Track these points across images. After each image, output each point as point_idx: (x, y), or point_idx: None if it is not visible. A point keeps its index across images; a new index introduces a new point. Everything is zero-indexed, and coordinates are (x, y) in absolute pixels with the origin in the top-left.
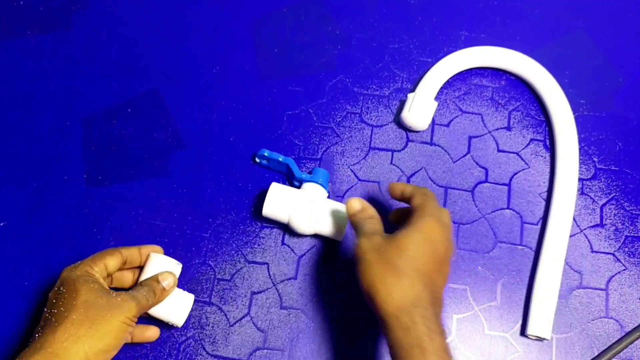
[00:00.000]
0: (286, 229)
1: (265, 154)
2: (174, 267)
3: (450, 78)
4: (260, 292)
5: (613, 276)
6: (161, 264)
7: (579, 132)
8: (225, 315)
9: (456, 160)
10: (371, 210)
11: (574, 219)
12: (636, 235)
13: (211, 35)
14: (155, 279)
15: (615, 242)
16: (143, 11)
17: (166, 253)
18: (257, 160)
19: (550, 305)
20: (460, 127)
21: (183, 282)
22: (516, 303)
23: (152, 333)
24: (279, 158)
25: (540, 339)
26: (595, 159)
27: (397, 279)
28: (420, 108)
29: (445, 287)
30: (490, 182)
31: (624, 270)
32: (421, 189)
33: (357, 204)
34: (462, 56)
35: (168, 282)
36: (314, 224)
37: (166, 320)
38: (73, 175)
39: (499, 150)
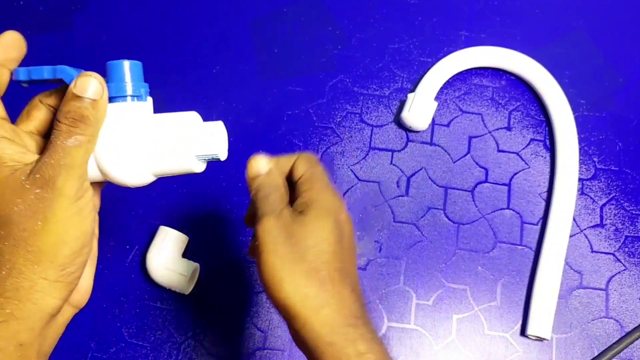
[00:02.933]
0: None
1: (21, 71)
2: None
3: (450, 78)
4: (260, 292)
5: (613, 276)
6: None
7: (579, 132)
8: (225, 315)
9: (456, 160)
10: (278, 177)
11: (574, 219)
12: (636, 235)
13: (211, 35)
14: (69, 96)
15: (615, 242)
16: (143, 11)
17: None
18: (24, 83)
19: (550, 306)
20: (460, 127)
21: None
22: (516, 303)
23: None
24: (44, 69)
25: (540, 339)
26: (595, 159)
27: (320, 286)
28: (420, 108)
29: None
30: (490, 182)
31: (624, 270)
32: (295, 156)
33: (263, 163)
34: (462, 56)
35: (94, 85)
36: (147, 164)
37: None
38: None
39: (499, 150)
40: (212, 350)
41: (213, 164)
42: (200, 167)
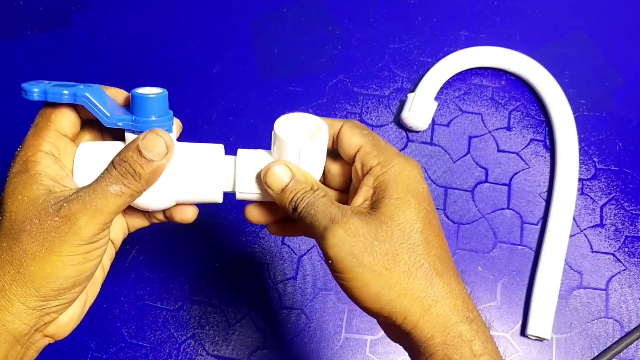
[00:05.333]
0: None
1: (35, 91)
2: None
3: (450, 78)
4: (260, 292)
5: (613, 276)
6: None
7: (579, 132)
8: (225, 315)
9: (456, 160)
10: (309, 177)
11: (574, 219)
12: (636, 235)
13: (211, 35)
14: (133, 147)
15: (615, 242)
16: (143, 11)
17: None
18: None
19: (550, 305)
20: (460, 127)
21: (183, 282)
22: (516, 303)
23: (191, 213)
24: (63, 93)
25: (540, 339)
26: (595, 159)
27: (426, 282)
28: (420, 108)
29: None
30: (490, 182)
31: (624, 270)
32: (338, 123)
33: (284, 172)
34: (462, 56)
35: (160, 147)
36: (170, 191)
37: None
38: None
39: (499, 150)
40: (212, 350)
41: None
42: (220, 198)
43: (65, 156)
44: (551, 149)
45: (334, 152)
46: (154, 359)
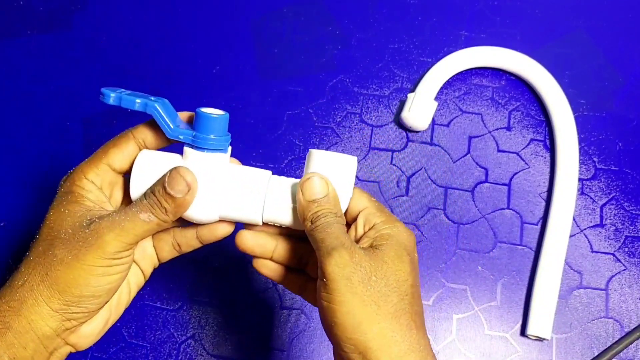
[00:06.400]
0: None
1: (112, 96)
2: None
3: (450, 78)
4: (260, 292)
5: (613, 276)
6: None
7: (579, 132)
8: (225, 315)
9: (456, 160)
10: (338, 204)
11: (574, 219)
12: (636, 235)
13: (211, 35)
14: (161, 183)
15: (615, 242)
16: (143, 11)
17: None
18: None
19: (550, 305)
20: (460, 127)
21: (183, 282)
22: (516, 303)
23: (224, 229)
24: (135, 102)
25: (540, 339)
26: (595, 159)
27: (408, 330)
28: (420, 108)
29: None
30: (490, 182)
31: (624, 270)
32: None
33: (320, 186)
34: (462, 56)
35: (181, 186)
36: (215, 206)
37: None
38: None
39: (499, 150)
40: (212, 350)
41: None
42: (260, 220)
43: (108, 186)
44: (551, 149)
45: (293, 232)
46: (154, 359)
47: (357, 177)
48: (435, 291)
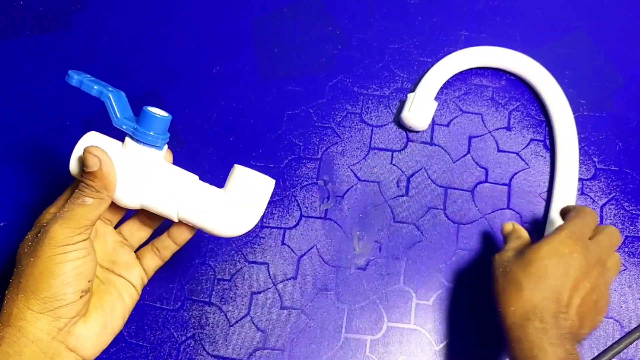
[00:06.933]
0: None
1: (74, 78)
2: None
3: (450, 78)
4: (260, 292)
5: None
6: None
7: (579, 132)
8: (225, 315)
9: (456, 160)
10: (522, 232)
11: None
12: (636, 235)
13: (211, 35)
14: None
15: None
16: (143, 11)
17: None
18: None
19: None
20: (460, 127)
21: (183, 282)
22: None
23: (188, 233)
24: (93, 88)
25: None
26: (595, 159)
27: (516, 292)
28: (420, 108)
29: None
30: (490, 182)
31: (624, 270)
32: (580, 209)
33: (510, 226)
34: (462, 56)
35: (92, 160)
36: (137, 194)
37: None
38: (73, 176)
39: (499, 150)
40: (212, 350)
41: (209, 168)
42: (176, 218)
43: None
44: (551, 148)
45: None
46: (154, 359)
47: (357, 177)
48: (435, 291)
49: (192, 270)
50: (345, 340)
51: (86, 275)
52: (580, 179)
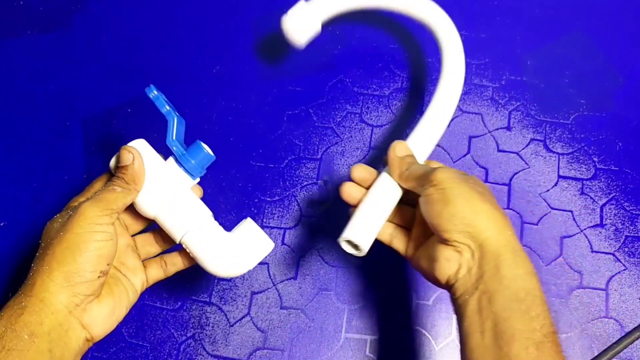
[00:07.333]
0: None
1: (153, 93)
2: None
3: None
4: (260, 292)
5: (613, 276)
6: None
7: (579, 132)
8: (225, 315)
9: (456, 160)
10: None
11: (574, 219)
12: (636, 235)
13: (211, 35)
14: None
15: (615, 242)
16: (143, 11)
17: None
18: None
19: (376, 217)
20: (460, 127)
21: (183, 282)
22: None
23: (187, 262)
24: (165, 107)
25: (355, 249)
26: (595, 159)
27: (494, 210)
28: (304, 19)
29: None
30: (490, 182)
31: (624, 270)
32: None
33: (407, 148)
34: None
35: (126, 156)
36: (156, 205)
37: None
38: (73, 175)
39: (499, 150)
40: (212, 350)
41: (208, 168)
42: (178, 240)
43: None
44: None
45: None
46: (154, 359)
47: None
48: (435, 291)
49: (192, 270)
50: (345, 340)
51: (106, 258)
52: (580, 179)
